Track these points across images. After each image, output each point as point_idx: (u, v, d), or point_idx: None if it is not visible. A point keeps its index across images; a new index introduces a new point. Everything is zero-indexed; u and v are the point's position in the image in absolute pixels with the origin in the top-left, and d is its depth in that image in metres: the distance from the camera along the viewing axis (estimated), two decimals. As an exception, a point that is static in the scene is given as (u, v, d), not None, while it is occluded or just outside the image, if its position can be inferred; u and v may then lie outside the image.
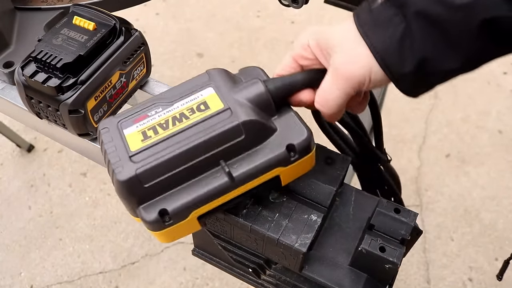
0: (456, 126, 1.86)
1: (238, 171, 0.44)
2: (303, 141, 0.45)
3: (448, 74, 0.44)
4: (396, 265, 0.45)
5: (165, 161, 0.43)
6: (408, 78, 0.43)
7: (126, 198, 0.44)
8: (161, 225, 0.44)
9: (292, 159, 0.45)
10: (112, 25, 0.55)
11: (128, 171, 0.43)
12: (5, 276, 1.55)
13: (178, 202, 0.43)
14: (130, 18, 0.59)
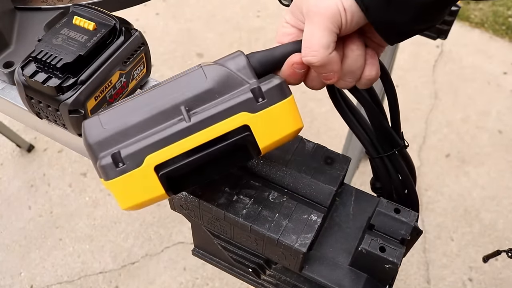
0: (456, 126, 1.86)
1: (197, 115, 0.41)
2: (273, 84, 0.42)
3: (421, 8, 0.42)
4: (396, 265, 0.45)
5: (126, 106, 0.42)
6: (378, 6, 0.41)
7: (89, 148, 0.43)
8: (114, 171, 0.41)
9: (259, 104, 0.41)
10: (112, 25, 0.55)
11: (93, 121, 0.43)
12: (5, 276, 1.55)
13: (133, 146, 0.41)
14: (130, 18, 0.59)
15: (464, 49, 2.12)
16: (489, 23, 2.20)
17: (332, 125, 1.83)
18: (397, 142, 0.55)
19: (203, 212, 0.51)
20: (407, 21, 0.43)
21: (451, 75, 2.03)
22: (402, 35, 0.45)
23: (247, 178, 0.51)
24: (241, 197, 0.50)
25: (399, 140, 0.56)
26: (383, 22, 0.43)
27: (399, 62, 2.00)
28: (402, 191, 0.57)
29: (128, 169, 0.41)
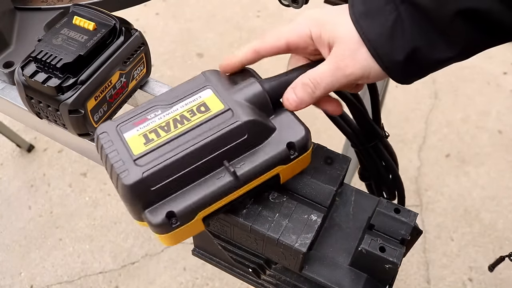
0: (456, 126, 1.86)
1: (242, 170, 0.45)
2: (302, 138, 0.46)
3: (440, 63, 0.44)
4: (396, 265, 0.45)
5: (171, 163, 0.43)
6: (399, 67, 0.43)
7: (132, 202, 0.44)
8: (169, 228, 0.44)
9: (292, 157, 0.46)
10: (112, 25, 0.55)
11: (134, 174, 0.43)
12: (5, 276, 1.55)
13: (185, 204, 0.43)
14: (130, 18, 0.59)
15: (464, 49, 2.12)
16: (489, 23, 2.20)
17: (332, 125, 1.83)
18: (379, 133, 0.62)
19: (203, 212, 0.51)
20: (426, 73, 0.46)
21: (451, 75, 2.03)
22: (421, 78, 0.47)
23: (247, 178, 0.51)
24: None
25: (380, 131, 0.62)
26: (403, 78, 0.45)
27: (399, 62, 2.00)
28: (387, 176, 0.65)
29: (181, 225, 0.44)
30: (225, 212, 0.48)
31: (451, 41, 0.42)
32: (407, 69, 0.44)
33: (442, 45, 0.42)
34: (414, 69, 0.44)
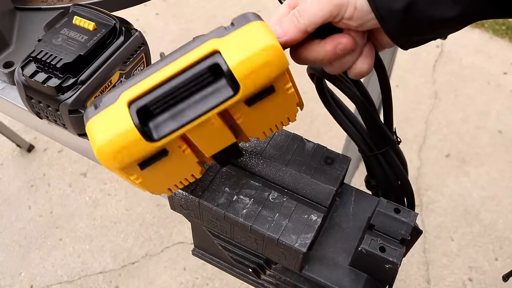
0: (456, 126, 1.86)
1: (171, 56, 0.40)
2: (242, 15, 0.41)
3: (438, 23, 0.41)
4: (396, 265, 0.45)
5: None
6: (395, 18, 0.41)
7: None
8: (92, 113, 0.40)
9: (227, 30, 0.40)
10: (112, 25, 0.55)
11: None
12: (5, 276, 1.55)
13: (112, 92, 0.40)
14: (130, 18, 0.59)
15: (464, 49, 2.12)
16: (489, 23, 2.20)
17: (332, 125, 1.83)
18: (390, 139, 0.55)
19: (203, 212, 0.51)
20: (423, 34, 0.43)
21: (451, 75, 2.03)
22: (418, 43, 0.45)
23: (247, 178, 0.51)
24: (241, 197, 0.50)
25: (392, 137, 0.55)
26: (397, 33, 0.42)
27: (399, 62, 2.00)
28: (396, 183, 0.57)
29: (103, 107, 0.40)
30: (225, 212, 0.49)
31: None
32: (403, 22, 0.41)
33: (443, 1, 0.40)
34: (411, 25, 0.41)
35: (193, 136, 0.40)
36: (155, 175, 0.42)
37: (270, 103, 0.41)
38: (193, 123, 0.39)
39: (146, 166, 0.40)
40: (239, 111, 0.41)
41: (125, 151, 0.39)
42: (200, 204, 0.50)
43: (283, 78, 0.40)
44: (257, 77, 0.39)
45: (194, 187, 0.50)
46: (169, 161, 0.41)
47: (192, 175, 0.45)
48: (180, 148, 0.41)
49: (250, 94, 0.39)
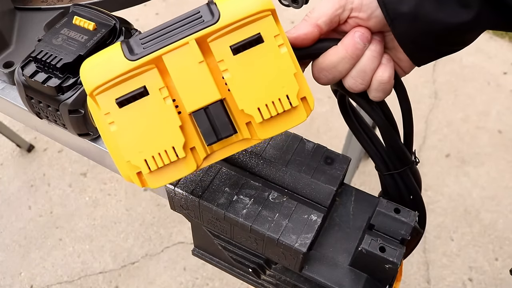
0: (456, 126, 1.86)
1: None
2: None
3: (450, 29, 0.40)
4: (396, 265, 0.45)
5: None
6: (403, 21, 0.40)
7: None
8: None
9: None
10: (112, 25, 0.55)
11: None
12: (5, 276, 1.55)
13: None
14: (130, 18, 0.59)
15: (464, 49, 2.11)
16: (489, 23, 2.20)
17: (332, 125, 1.83)
18: (409, 159, 0.54)
19: (203, 212, 0.51)
20: (433, 40, 0.42)
21: (451, 75, 2.03)
22: (431, 56, 0.44)
23: (247, 178, 0.51)
24: (241, 197, 0.50)
25: (410, 157, 0.54)
26: (408, 37, 0.42)
27: (399, 62, 1.99)
28: (408, 199, 0.57)
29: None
30: (225, 212, 0.49)
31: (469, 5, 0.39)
32: (412, 28, 0.40)
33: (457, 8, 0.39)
34: (421, 30, 0.41)
35: (172, 69, 0.40)
36: (132, 124, 0.41)
37: (259, 59, 0.41)
38: (170, 46, 0.40)
39: (125, 104, 0.40)
40: (225, 60, 0.40)
41: (105, 64, 0.41)
42: (200, 204, 0.50)
43: (270, 24, 0.41)
44: (237, 6, 0.40)
45: (194, 187, 0.50)
46: (149, 108, 0.41)
47: (174, 149, 0.41)
48: (161, 91, 0.40)
49: (230, 24, 0.40)
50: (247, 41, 0.40)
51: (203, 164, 0.43)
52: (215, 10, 0.41)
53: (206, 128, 0.41)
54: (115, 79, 0.40)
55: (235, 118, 0.42)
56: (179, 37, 0.41)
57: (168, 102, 0.41)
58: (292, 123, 0.42)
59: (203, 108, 0.41)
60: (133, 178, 0.42)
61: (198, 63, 0.40)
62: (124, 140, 0.41)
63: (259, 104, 0.41)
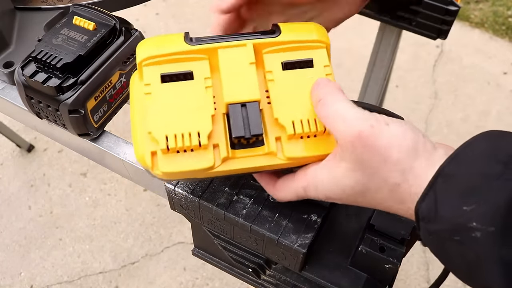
0: (456, 126, 1.86)
1: None
2: None
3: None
4: (396, 265, 0.45)
5: None
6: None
7: None
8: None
9: None
10: (112, 25, 0.55)
11: None
12: (5, 276, 1.55)
13: None
14: (130, 18, 0.59)
15: (464, 49, 2.12)
16: (489, 23, 2.20)
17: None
18: None
19: (203, 212, 0.51)
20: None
21: (451, 75, 2.03)
22: None
23: (247, 178, 0.51)
24: (241, 197, 0.50)
25: None
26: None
27: (399, 62, 2.00)
28: None
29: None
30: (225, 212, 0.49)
31: None
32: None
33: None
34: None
35: (223, 62, 0.42)
36: (168, 101, 0.41)
37: (305, 80, 0.42)
38: (229, 43, 0.43)
39: (168, 81, 0.42)
40: (273, 72, 0.42)
41: (164, 42, 0.43)
42: (200, 204, 0.50)
43: (322, 55, 0.43)
44: (298, 30, 0.44)
45: (194, 187, 0.50)
46: (189, 92, 0.41)
47: (198, 135, 0.40)
48: (205, 81, 0.42)
49: (288, 42, 0.43)
50: (298, 61, 0.43)
51: (220, 167, 0.41)
52: (277, 29, 0.44)
53: (237, 121, 0.40)
54: (168, 56, 0.42)
55: (267, 130, 0.42)
56: (239, 39, 0.43)
57: (208, 92, 0.41)
58: (320, 151, 0.41)
59: (240, 104, 0.41)
60: (146, 156, 0.40)
61: (248, 64, 0.42)
62: (154, 113, 0.40)
63: (294, 118, 0.41)
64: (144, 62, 0.42)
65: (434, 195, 0.33)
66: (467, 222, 0.31)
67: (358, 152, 0.36)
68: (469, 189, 0.32)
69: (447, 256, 0.34)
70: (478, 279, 0.32)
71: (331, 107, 0.38)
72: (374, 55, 1.08)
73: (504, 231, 0.30)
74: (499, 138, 0.34)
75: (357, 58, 2.02)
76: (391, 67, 1.26)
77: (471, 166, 0.33)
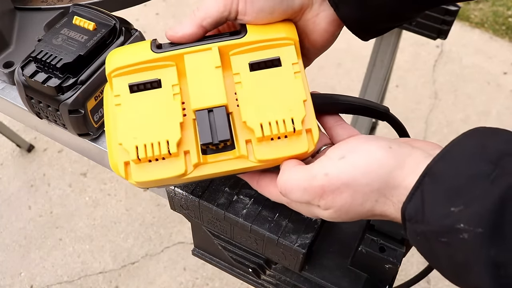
0: (456, 126, 1.86)
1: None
2: None
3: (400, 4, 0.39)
4: (396, 265, 0.45)
5: None
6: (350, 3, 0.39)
7: None
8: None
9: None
10: (112, 25, 0.55)
11: None
12: (5, 276, 1.55)
13: None
14: (130, 18, 0.59)
15: (464, 49, 2.12)
16: (489, 23, 2.20)
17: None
18: None
19: (203, 212, 0.51)
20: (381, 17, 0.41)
21: (451, 75, 2.03)
22: (381, 32, 0.44)
23: (247, 178, 0.51)
24: (241, 197, 0.50)
25: None
26: (353, 19, 0.41)
27: (399, 62, 2.00)
28: None
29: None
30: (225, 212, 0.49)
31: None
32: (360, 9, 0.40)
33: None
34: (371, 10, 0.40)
35: (189, 67, 0.42)
36: (136, 111, 0.41)
37: (273, 80, 0.42)
38: (194, 48, 0.43)
39: (136, 91, 0.42)
40: (241, 74, 0.42)
41: (131, 52, 0.43)
42: (200, 204, 0.50)
43: (290, 52, 0.42)
44: (264, 29, 0.43)
45: (194, 187, 0.50)
46: (157, 100, 0.42)
47: (167, 144, 0.40)
48: (173, 88, 0.42)
49: (255, 42, 0.42)
50: (265, 61, 0.42)
51: (193, 173, 0.41)
52: (244, 29, 0.43)
53: (204, 128, 0.40)
54: (135, 66, 0.42)
55: (237, 134, 0.42)
56: (204, 43, 0.43)
57: (177, 99, 0.42)
58: (292, 151, 0.41)
59: (207, 110, 0.41)
60: (120, 166, 0.41)
61: (214, 68, 0.42)
62: (124, 124, 0.41)
63: (263, 120, 0.40)
64: (113, 73, 0.42)
65: (421, 195, 0.33)
66: (454, 223, 0.31)
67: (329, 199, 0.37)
68: (457, 189, 0.32)
69: (435, 256, 0.34)
70: (467, 280, 0.32)
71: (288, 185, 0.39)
72: (374, 55, 1.09)
73: (493, 232, 0.30)
74: (488, 136, 0.33)
75: (357, 58, 2.03)
76: (391, 67, 1.26)
77: (458, 165, 0.33)
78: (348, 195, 0.36)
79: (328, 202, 0.37)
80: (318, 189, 0.37)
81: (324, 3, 0.42)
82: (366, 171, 0.36)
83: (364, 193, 0.36)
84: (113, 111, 0.42)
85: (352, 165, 0.36)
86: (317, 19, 0.43)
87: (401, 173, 0.35)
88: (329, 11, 0.42)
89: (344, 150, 0.38)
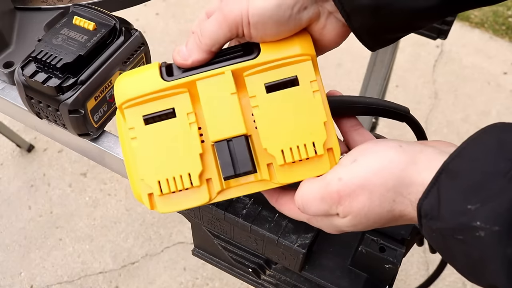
0: (456, 126, 1.86)
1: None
2: None
3: (416, 15, 0.38)
4: (396, 265, 0.45)
5: None
6: (364, 13, 0.38)
7: None
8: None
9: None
10: (112, 25, 0.55)
11: None
12: (5, 276, 1.55)
13: None
14: (130, 18, 0.59)
15: (464, 49, 2.12)
16: (489, 23, 2.20)
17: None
18: None
19: (203, 212, 0.51)
20: (397, 29, 0.40)
21: (451, 75, 2.03)
22: (389, 42, 0.43)
23: (247, 178, 0.51)
24: (241, 197, 0.50)
25: None
26: (367, 31, 0.40)
27: (399, 62, 2.00)
28: None
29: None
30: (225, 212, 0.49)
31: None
32: (372, 20, 0.38)
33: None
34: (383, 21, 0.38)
35: (203, 96, 0.40)
36: (154, 143, 0.41)
37: (291, 101, 0.40)
38: (206, 73, 0.41)
39: (151, 122, 0.41)
40: (257, 96, 0.40)
41: (141, 80, 0.41)
42: (200, 204, 0.50)
43: (308, 69, 0.40)
44: (278, 46, 0.40)
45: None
46: (173, 131, 0.40)
47: (189, 177, 0.40)
48: (188, 116, 0.40)
49: (269, 61, 0.40)
50: (282, 82, 0.40)
51: (217, 198, 0.41)
52: (256, 48, 0.41)
53: (225, 160, 0.40)
54: (147, 96, 0.41)
55: (257, 157, 0.41)
56: (216, 66, 0.41)
57: (193, 128, 0.40)
58: (314, 173, 0.40)
59: (226, 140, 0.40)
60: (144, 198, 0.41)
61: (230, 94, 0.40)
62: (142, 158, 0.41)
63: (284, 146, 0.40)
64: (124, 105, 0.41)
65: (437, 192, 0.33)
66: (470, 221, 0.31)
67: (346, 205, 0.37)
68: (474, 187, 0.32)
69: (450, 253, 0.34)
70: (482, 277, 0.32)
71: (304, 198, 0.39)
72: (374, 55, 1.09)
73: (509, 230, 0.30)
74: (506, 133, 0.33)
75: (357, 58, 2.02)
76: (391, 67, 1.26)
77: (475, 162, 0.32)
78: (365, 197, 0.36)
79: (346, 208, 0.37)
80: (334, 195, 0.37)
81: (331, 16, 0.41)
82: (378, 171, 0.36)
83: (380, 194, 0.36)
84: (130, 144, 0.41)
85: (364, 166, 0.36)
86: (324, 31, 0.42)
87: (414, 169, 0.35)
88: (336, 24, 0.41)
89: (355, 155, 0.38)
